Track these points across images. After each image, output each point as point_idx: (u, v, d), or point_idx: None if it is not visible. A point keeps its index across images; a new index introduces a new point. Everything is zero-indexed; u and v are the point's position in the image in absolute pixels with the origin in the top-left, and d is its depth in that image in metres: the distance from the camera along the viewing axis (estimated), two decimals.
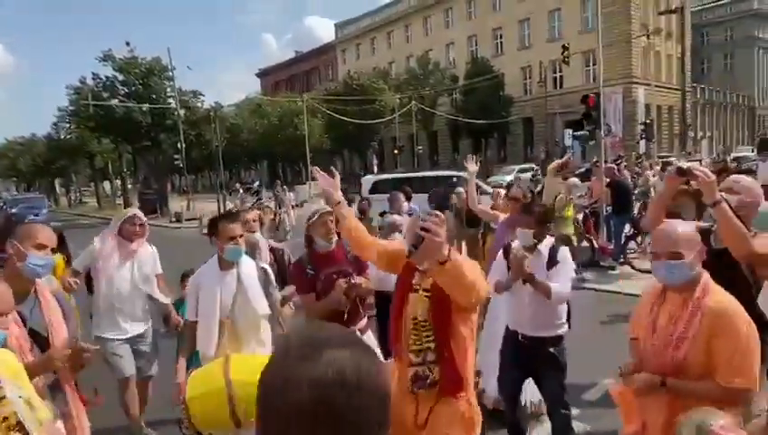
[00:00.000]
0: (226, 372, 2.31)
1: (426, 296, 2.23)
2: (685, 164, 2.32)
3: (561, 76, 37.38)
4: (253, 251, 3.62)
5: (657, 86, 37.52)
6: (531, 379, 3.24)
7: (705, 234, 2.34)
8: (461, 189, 7.19)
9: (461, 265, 1.88)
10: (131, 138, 30.57)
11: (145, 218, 3.68)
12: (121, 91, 29.72)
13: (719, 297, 1.90)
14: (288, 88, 54.00)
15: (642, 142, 28.03)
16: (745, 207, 2.46)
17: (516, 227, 3.87)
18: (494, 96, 36.94)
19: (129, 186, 39.18)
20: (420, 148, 39.43)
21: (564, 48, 17.63)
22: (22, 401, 1.66)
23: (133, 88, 29.48)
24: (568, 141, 26.69)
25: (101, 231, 3.66)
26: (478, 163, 4.72)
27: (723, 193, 2.31)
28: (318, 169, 2.62)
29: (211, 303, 2.78)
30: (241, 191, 25.54)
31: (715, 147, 38.84)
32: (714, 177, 2.22)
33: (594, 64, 22.93)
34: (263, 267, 3.09)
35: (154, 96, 29.36)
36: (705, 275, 1.95)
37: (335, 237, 3.00)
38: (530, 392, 3.48)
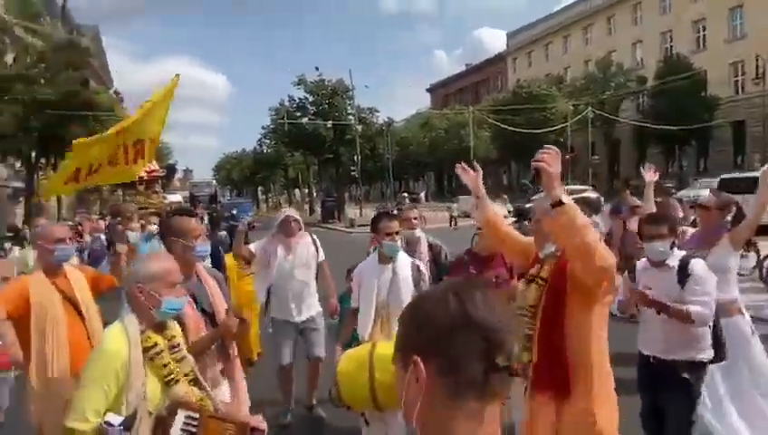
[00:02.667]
0: (371, 357, 2.51)
1: (540, 284, 2.13)
2: None
3: None
4: (413, 246, 3.86)
5: None
6: None
7: None
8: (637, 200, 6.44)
9: (576, 215, 1.74)
10: (317, 151, 34.45)
11: (297, 215, 4.25)
12: (311, 111, 33.74)
13: None
14: (457, 101, 54.75)
15: None
16: None
17: (713, 241, 3.27)
18: (692, 97, 32.10)
19: (315, 194, 44.07)
20: (597, 157, 36.33)
21: None
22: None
23: (320, 107, 33.24)
24: None
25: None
26: (657, 173, 4.08)
27: None
28: (461, 165, 2.66)
29: (370, 291, 3.10)
30: (407, 200, 26.71)
31: None
32: None
33: None
34: (417, 265, 3.30)
35: (337, 114, 32.65)
36: None
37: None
38: None
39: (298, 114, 33.70)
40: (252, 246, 4.17)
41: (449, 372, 0.75)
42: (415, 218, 3.98)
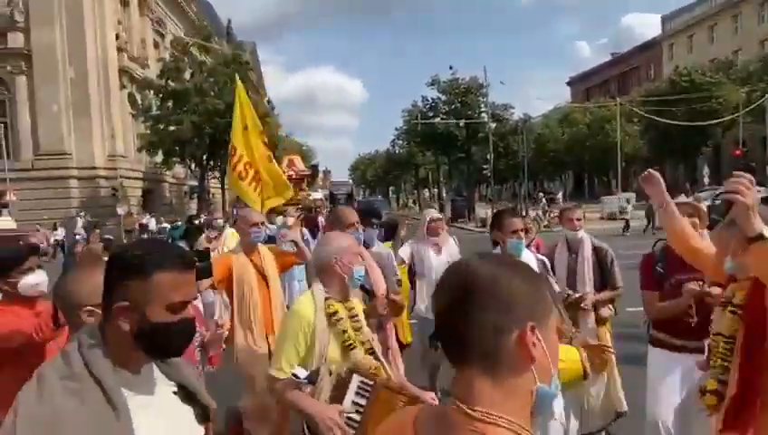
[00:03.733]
0: None
1: (732, 313, 1.88)
2: None
3: None
4: (577, 248, 3.65)
5: None
6: None
7: None
8: None
9: None
10: (448, 151, 34.60)
11: (440, 215, 4.50)
12: (443, 110, 33.98)
13: None
14: (601, 94, 50.68)
15: None
16: None
17: None
18: None
19: (444, 194, 44.30)
20: None
21: None
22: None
23: (453, 106, 33.31)
24: None
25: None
26: None
27: None
28: (649, 171, 2.33)
29: None
30: (543, 201, 25.53)
31: None
32: None
33: None
34: (542, 260, 3.28)
35: (470, 112, 32.43)
36: None
37: None
38: None
39: (430, 114, 34.17)
40: (401, 253, 4.35)
41: None
42: (578, 219, 3.72)
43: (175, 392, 1.23)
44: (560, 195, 30.28)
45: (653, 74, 47.30)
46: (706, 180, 29.25)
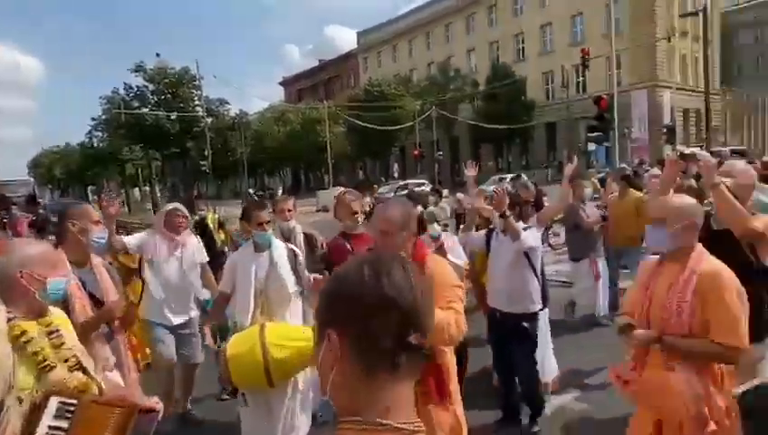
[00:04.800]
0: (262, 336, 2.65)
1: None
2: (687, 149, 2.47)
3: (583, 81, 37.02)
4: (289, 236, 3.87)
5: (682, 89, 36.89)
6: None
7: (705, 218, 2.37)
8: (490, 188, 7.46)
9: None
10: (161, 145, 31.64)
11: (186, 211, 3.92)
12: (152, 101, 30.85)
13: (712, 262, 1.97)
14: (310, 96, 54.87)
15: (667, 146, 27.68)
16: (741, 189, 2.55)
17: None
18: (515, 102, 36.89)
19: (159, 192, 40.36)
20: (441, 153, 39.57)
21: (584, 52, 17.65)
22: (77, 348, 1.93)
23: (162, 97, 30.57)
24: (591, 146, 26.46)
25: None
26: (477, 168, 4.40)
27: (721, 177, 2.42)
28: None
29: (247, 279, 3.10)
30: (255, 198, 26.13)
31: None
32: (714, 161, 2.36)
33: (618, 68, 23.01)
34: (292, 249, 3.39)
35: (182, 105, 30.37)
36: (700, 247, 2.01)
37: (360, 220, 3.36)
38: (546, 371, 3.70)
39: (136, 104, 30.59)
40: (127, 239, 3.72)
41: (362, 347, 0.75)
42: (289, 210, 3.97)
43: None
44: (280, 190, 31.49)
45: (353, 82, 53.93)
46: (396, 175, 35.37)
